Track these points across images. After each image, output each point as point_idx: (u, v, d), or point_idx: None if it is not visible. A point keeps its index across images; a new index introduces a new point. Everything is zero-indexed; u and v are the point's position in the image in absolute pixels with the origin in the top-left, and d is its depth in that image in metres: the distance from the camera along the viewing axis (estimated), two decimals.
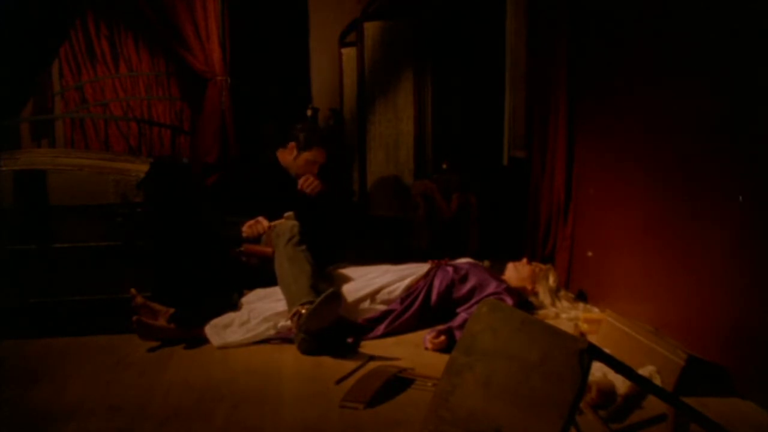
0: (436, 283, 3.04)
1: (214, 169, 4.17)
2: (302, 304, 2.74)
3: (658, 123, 2.72)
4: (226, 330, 2.84)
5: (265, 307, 2.92)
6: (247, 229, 3.25)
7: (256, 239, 3.26)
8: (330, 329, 2.72)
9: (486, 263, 3.36)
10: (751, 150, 2.22)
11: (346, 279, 3.13)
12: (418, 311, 3.02)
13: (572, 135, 3.45)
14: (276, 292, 3.03)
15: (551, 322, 2.81)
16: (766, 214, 2.15)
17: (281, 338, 2.83)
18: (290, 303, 2.81)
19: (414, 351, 2.76)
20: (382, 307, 3.03)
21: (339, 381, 2.42)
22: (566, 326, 2.88)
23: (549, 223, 3.66)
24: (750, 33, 2.21)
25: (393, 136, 4.82)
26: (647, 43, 2.79)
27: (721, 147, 2.35)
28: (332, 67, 5.20)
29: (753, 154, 2.20)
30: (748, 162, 2.23)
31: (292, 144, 3.50)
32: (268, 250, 3.10)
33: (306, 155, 3.48)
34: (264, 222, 3.25)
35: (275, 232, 3.10)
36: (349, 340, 2.85)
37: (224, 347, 2.78)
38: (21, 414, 2.20)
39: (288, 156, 3.52)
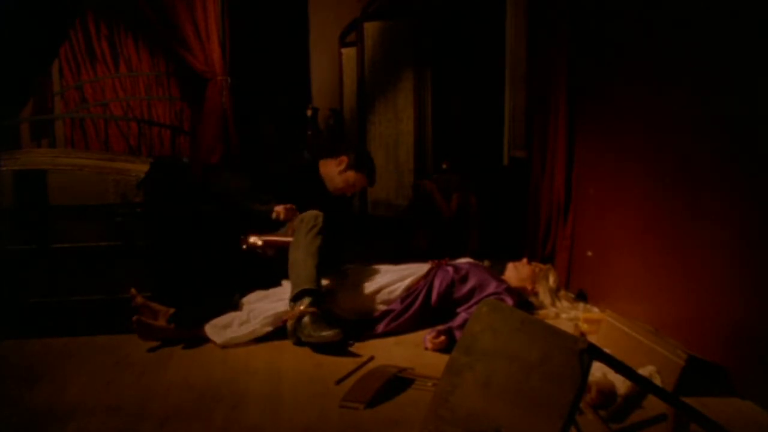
0: (436, 283, 3.04)
1: (215, 170, 4.17)
2: (304, 294, 2.79)
3: (658, 123, 2.72)
4: (226, 330, 2.84)
5: (266, 308, 2.92)
6: (283, 211, 3.18)
7: (278, 226, 3.22)
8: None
9: (486, 263, 3.35)
10: (750, 150, 2.22)
11: (347, 278, 3.13)
12: (418, 311, 3.01)
13: (572, 135, 3.45)
14: (276, 292, 3.03)
15: (551, 322, 2.81)
16: (765, 214, 2.15)
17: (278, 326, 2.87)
18: (294, 285, 2.86)
19: (414, 351, 2.77)
20: (382, 307, 3.03)
21: (339, 381, 2.42)
22: (566, 326, 2.87)
23: (549, 223, 3.66)
24: (750, 33, 2.21)
25: (393, 136, 4.82)
26: (647, 44, 2.79)
27: (721, 147, 2.35)
28: (332, 67, 5.20)
29: (753, 154, 2.21)
30: (748, 162, 2.23)
31: (345, 158, 3.43)
32: (288, 240, 3.06)
33: (352, 174, 3.43)
34: (295, 212, 3.20)
35: (299, 218, 3.08)
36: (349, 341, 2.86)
37: (225, 346, 2.79)
38: (21, 414, 2.20)
39: (334, 168, 3.45)
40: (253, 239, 3.14)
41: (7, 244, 2.93)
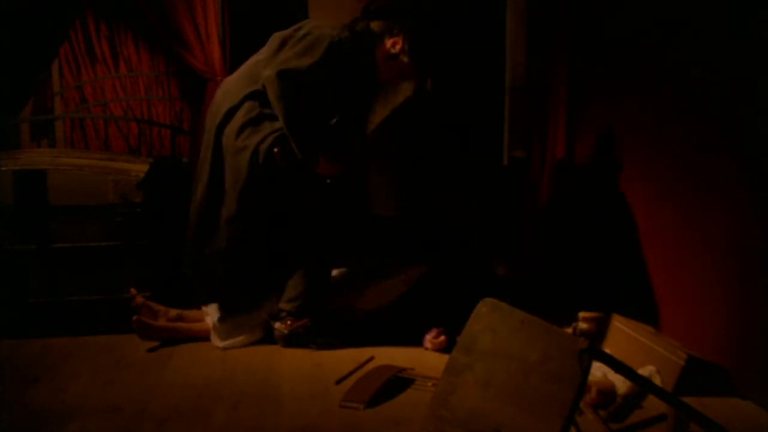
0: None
1: None
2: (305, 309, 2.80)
3: (658, 123, 2.72)
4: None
5: None
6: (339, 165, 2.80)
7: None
8: None
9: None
10: (751, 150, 2.22)
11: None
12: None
13: (572, 135, 3.45)
14: None
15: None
16: (765, 214, 2.15)
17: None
18: (290, 298, 2.82)
19: (414, 351, 2.77)
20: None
21: (339, 381, 2.42)
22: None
23: None
24: (749, 33, 2.21)
25: None
26: (647, 44, 2.79)
27: (722, 147, 2.35)
28: None
29: (753, 155, 2.21)
30: (748, 162, 2.23)
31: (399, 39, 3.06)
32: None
33: (397, 40, 3.05)
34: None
35: None
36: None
37: (226, 348, 2.79)
38: (21, 414, 2.20)
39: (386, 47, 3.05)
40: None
41: (7, 244, 2.93)
